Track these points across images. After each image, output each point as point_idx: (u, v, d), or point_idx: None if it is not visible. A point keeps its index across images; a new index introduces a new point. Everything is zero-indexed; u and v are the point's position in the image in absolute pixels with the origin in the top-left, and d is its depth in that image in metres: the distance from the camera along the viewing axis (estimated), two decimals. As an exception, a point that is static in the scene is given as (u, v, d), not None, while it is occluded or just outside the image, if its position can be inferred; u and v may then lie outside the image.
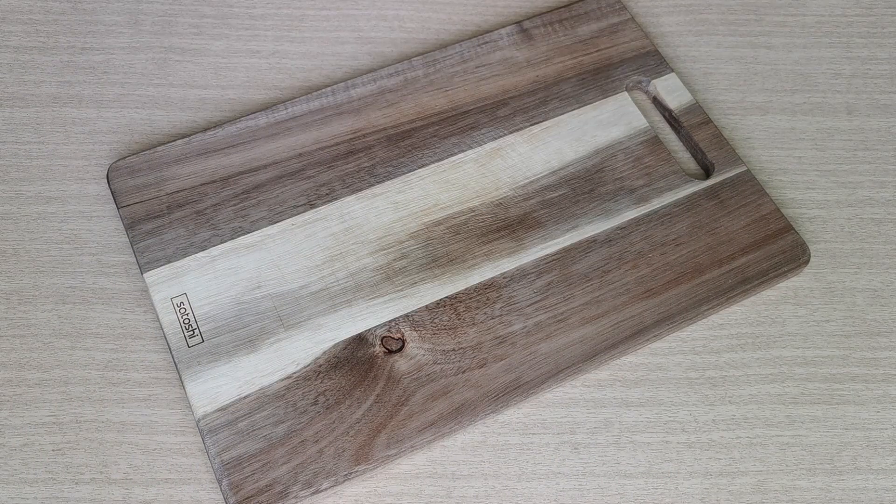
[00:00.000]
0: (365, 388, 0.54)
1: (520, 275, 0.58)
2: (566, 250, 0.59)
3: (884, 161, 0.65)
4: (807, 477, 0.54)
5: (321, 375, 0.54)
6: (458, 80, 0.66)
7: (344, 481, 0.51)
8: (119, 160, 0.61)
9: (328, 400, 0.53)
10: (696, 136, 0.64)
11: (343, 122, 0.63)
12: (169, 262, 0.57)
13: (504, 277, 0.58)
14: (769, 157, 0.65)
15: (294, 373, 0.54)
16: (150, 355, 0.56)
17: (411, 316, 0.56)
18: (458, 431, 0.53)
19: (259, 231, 0.59)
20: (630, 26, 0.69)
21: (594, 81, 0.66)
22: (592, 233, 0.60)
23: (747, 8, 0.72)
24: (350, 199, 0.60)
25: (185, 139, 0.62)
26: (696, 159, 0.64)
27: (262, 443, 0.52)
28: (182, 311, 0.56)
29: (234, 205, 0.60)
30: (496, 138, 0.63)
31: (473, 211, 0.60)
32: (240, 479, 0.51)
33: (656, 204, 0.61)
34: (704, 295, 0.58)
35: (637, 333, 0.56)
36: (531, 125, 0.64)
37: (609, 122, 0.64)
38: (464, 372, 0.54)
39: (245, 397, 0.53)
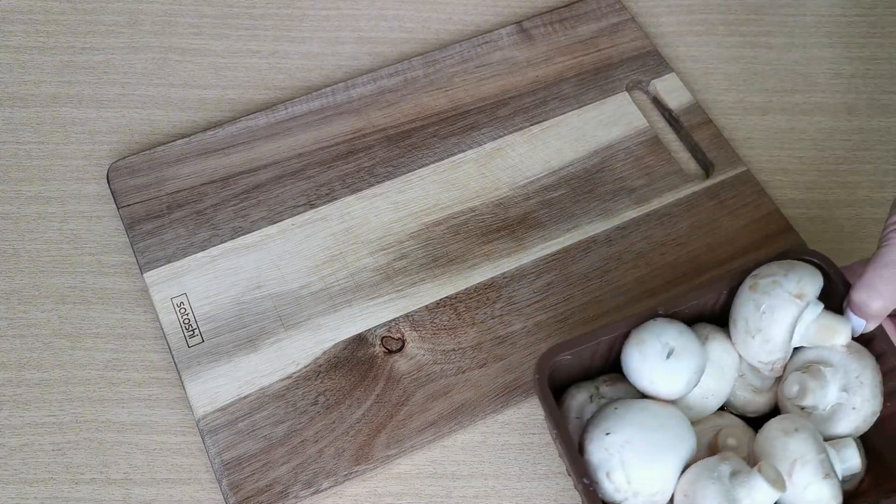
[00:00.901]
0: (365, 388, 0.54)
1: (520, 275, 0.58)
2: (566, 250, 0.59)
3: (884, 161, 0.65)
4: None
5: (321, 375, 0.54)
6: (458, 80, 0.66)
7: (344, 481, 0.51)
8: (119, 160, 0.61)
9: (328, 400, 0.53)
10: (696, 136, 0.64)
11: (343, 122, 0.63)
12: (169, 262, 0.57)
13: (504, 277, 0.58)
14: (769, 157, 0.65)
15: (294, 373, 0.54)
16: (150, 355, 0.56)
17: (411, 316, 0.56)
18: (458, 431, 0.53)
19: (259, 231, 0.59)
20: (630, 26, 0.69)
21: (594, 81, 0.66)
22: (592, 233, 0.60)
23: (747, 8, 0.72)
24: (350, 199, 0.60)
25: (185, 139, 0.62)
26: (696, 159, 0.64)
27: (262, 443, 0.52)
28: (182, 311, 0.56)
29: (234, 205, 0.60)
30: (496, 138, 0.63)
31: (473, 211, 0.60)
32: (240, 479, 0.51)
33: (656, 204, 0.61)
34: (704, 295, 0.58)
35: (637, 333, 0.56)
36: (531, 125, 0.64)
37: (609, 122, 0.64)
38: (464, 372, 0.54)
39: (245, 397, 0.53)
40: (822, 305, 0.47)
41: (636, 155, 0.63)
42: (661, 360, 0.47)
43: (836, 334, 0.47)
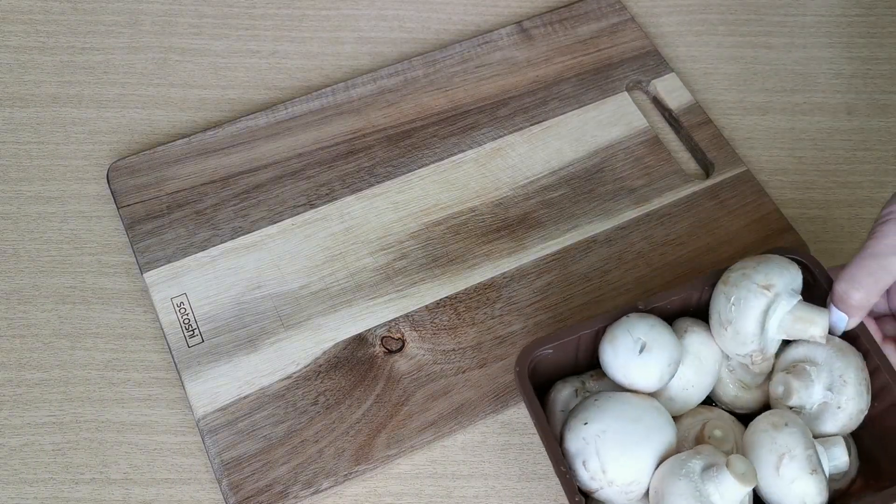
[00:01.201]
0: (365, 388, 0.54)
1: (520, 275, 0.58)
2: (566, 250, 0.59)
3: (884, 161, 0.65)
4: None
5: (321, 375, 0.54)
6: (458, 80, 0.66)
7: (344, 481, 0.51)
8: (119, 160, 0.61)
9: (328, 400, 0.53)
10: (696, 136, 0.64)
11: (343, 122, 0.63)
12: (169, 262, 0.57)
13: (504, 277, 0.58)
14: (769, 157, 0.65)
15: (294, 373, 0.54)
16: (150, 355, 0.56)
17: (411, 316, 0.56)
18: (458, 431, 0.53)
19: (259, 231, 0.59)
20: (630, 26, 0.69)
21: (594, 81, 0.66)
22: (592, 233, 0.60)
23: (747, 8, 0.72)
24: (350, 199, 0.60)
25: (185, 139, 0.62)
26: (696, 159, 0.64)
27: (262, 443, 0.52)
28: (182, 311, 0.56)
29: (234, 205, 0.60)
30: (496, 138, 0.63)
31: (473, 211, 0.60)
32: (240, 479, 0.51)
33: (656, 204, 0.61)
34: (704, 295, 0.58)
35: (637, 333, 0.56)
36: (531, 125, 0.64)
37: (609, 122, 0.64)
38: (464, 372, 0.54)
39: (245, 397, 0.53)
40: (798, 298, 0.48)
41: (636, 155, 0.63)
42: (634, 355, 0.47)
43: (813, 325, 0.47)
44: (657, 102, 0.66)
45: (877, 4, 0.72)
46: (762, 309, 0.47)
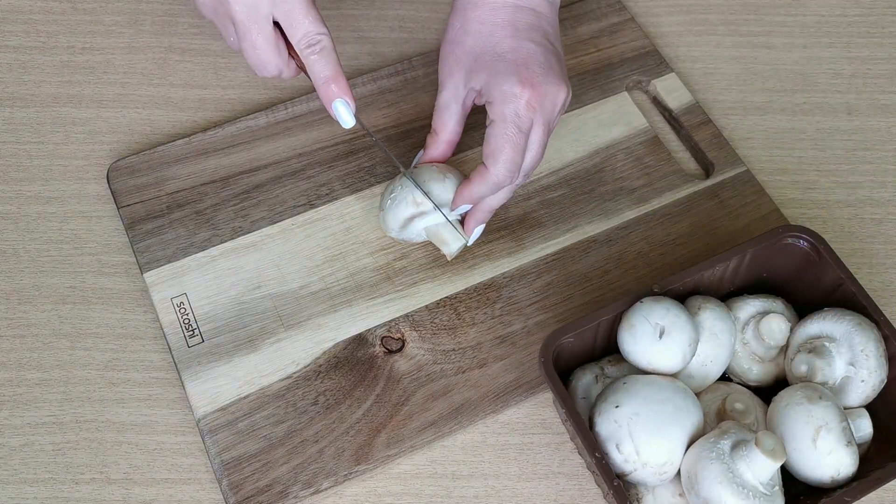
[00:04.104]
0: (365, 388, 0.54)
1: (520, 275, 0.58)
2: (566, 250, 0.59)
3: (884, 161, 0.65)
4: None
5: (321, 375, 0.54)
6: (458, 80, 0.66)
7: (344, 481, 0.51)
8: (119, 160, 0.61)
9: (328, 400, 0.53)
10: (696, 135, 0.64)
11: (343, 122, 0.63)
12: (169, 262, 0.57)
13: (504, 277, 0.58)
14: (769, 157, 0.65)
15: (294, 373, 0.54)
16: (150, 355, 0.56)
17: (411, 316, 0.56)
18: (458, 431, 0.53)
19: (259, 231, 0.59)
20: (630, 26, 0.69)
21: (594, 81, 0.66)
22: (592, 233, 0.60)
23: (747, 8, 0.72)
24: (350, 199, 0.60)
25: (185, 139, 0.62)
26: (696, 159, 0.64)
27: (262, 443, 0.52)
28: (182, 311, 0.56)
29: (234, 205, 0.60)
30: (496, 138, 0.63)
31: (473, 211, 0.60)
32: (240, 479, 0.51)
33: (656, 204, 0.61)
34: (704, 295, 0.58)
35: (637, 333, 0.56)
36: (531, 125, 0.64)
37: (609, 122, 0.64)
38: (464, 372, 0.54)
39: (245, 397, 0.53)
40: (445, 217, 0.55)
41: (636, 155, 0.63)
42: (655, 340, 0.48)
43: (445, 245, 0.55)
44: (657, 102, 0.66)
45: (877, 4, 0.72)
46: (406, 216, 0.55)
